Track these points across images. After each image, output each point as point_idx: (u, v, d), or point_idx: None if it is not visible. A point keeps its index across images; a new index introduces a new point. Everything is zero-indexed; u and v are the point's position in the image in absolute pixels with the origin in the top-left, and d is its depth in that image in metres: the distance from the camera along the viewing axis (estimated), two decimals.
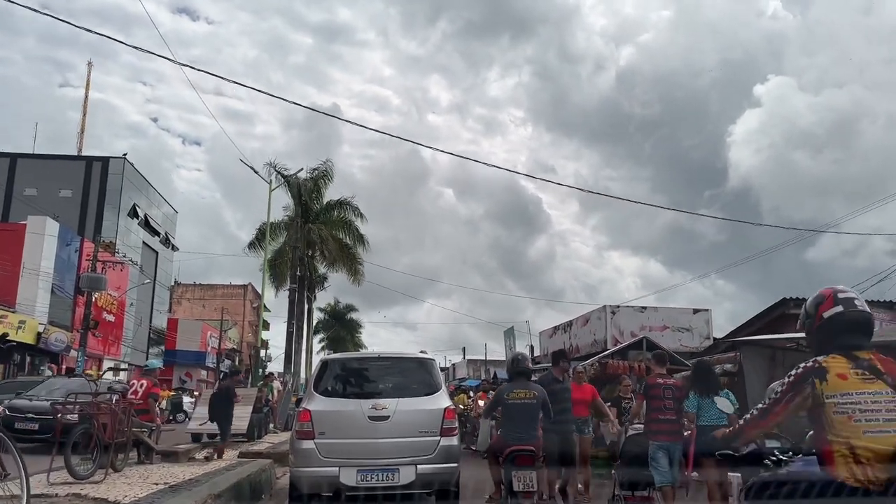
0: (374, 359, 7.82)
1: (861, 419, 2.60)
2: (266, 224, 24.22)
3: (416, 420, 6.81)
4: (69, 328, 36.79)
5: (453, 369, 56.32)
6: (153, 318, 53.86)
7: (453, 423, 6.97)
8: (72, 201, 46.06)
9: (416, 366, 7.58)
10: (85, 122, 56.28)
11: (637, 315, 21.08)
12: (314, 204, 30.80)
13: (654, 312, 21.00)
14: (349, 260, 31.08)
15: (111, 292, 41.43)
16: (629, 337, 20.74)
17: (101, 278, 35.74)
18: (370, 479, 6.53)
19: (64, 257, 38.00)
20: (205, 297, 79.16)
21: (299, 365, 29.84)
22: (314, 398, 7.01)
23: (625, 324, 20.90)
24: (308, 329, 45.47)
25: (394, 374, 7.43)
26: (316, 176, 30.55)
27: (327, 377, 7.30)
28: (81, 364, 35.06)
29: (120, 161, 47.77)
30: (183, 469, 8.80)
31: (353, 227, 30.88)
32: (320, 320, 63.96)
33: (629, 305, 21.41)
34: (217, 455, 10.31)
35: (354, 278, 31.97)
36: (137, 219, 49.84)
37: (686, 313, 21.21)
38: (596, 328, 21.94)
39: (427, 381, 7.24)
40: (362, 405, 6.79)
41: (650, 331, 20.80)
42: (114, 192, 46.98)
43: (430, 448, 6.71)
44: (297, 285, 30.24)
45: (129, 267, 42.90)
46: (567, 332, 24.67)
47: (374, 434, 6.66)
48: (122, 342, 45.37)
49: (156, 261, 54.35)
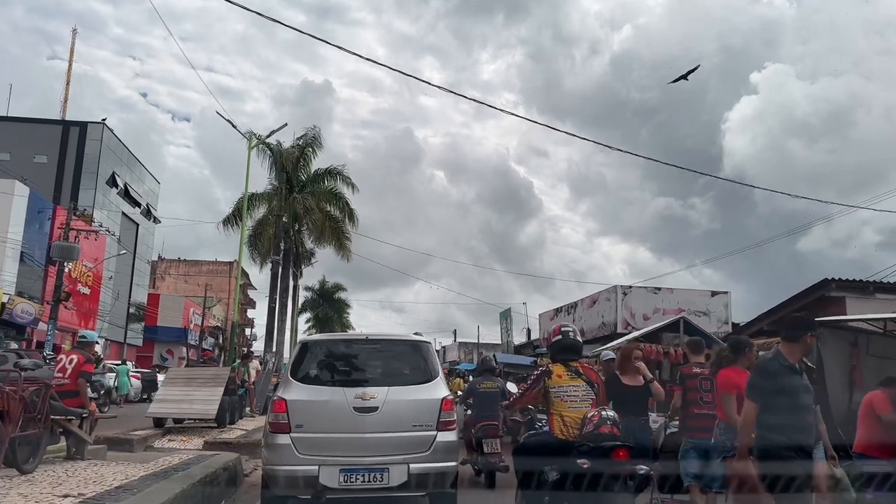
0: (362, 341, 6.81)
1: (567, 400, 4.77)
2: (245, 191, 22.23)
3: (408, 412, 5.95)
4: (39, 300, 34.75)
5: (444, 352, 54.72)
6: (133, 292, 51.77)
7: (451, 416, 6.10)
8: (47, 168, 43.82)
9: (409, 350, 6.62)
10: (68, 90, 53.85)
11: (651, 296, 19.38)
12: (300, 173, 28.79)
13: (669, 294, 19.31)
14: (337, 234, 29.15)
15: (86, 263, 39.35)
16: (641, 320, 19.08)
17: (74, 248, 33.66)
18: (355, 480, 5.66)
19: (35, 225, 35.86)
20: (189, 273, 77.39)
21: (283, 344, 27.94)
22: (291, 385, 6.08)
23: (637, 305, 19.23)
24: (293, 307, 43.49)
25: (384, 359, 6.54)
26: (303, 143, 28.50)
27: (307, 361, 6.34)
28: (51, 338, 33.11)
29: (98, 126, 45.43)
30: (122, 468, 6.98)
31: (343, 200, 28.90)
32: (307, 299, 62.24)
33: (642, 286, 19.70)
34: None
35: (343, 253, 30.06)
36: (117, 188, 47.61)
37: (704, 296, 19.54)
38: (605, 310, 20.23)
39: (422, 368, 6.34)
40: (347, 394, 5.89)
41: (664, 314, 19.15)
42: (92, 159, 44.72)
43: (426, 444, 5.85)
44: (282, 259, 28.33)
45: (107, 238, 40.82)
46: (571, 314, 22.97)
47: (359, 428, 5.78)
48: (97, 316, 43.27)
49: (136, 233, 52.18)
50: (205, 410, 12.85)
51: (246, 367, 17.77)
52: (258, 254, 28.79)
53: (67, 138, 44.79)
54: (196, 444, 11.42)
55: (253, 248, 28.83)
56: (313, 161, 29.05)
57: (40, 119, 45.63)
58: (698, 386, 6.09)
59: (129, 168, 50.73)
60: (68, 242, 33.56)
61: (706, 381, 6.06)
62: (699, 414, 5.96)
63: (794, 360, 4.54)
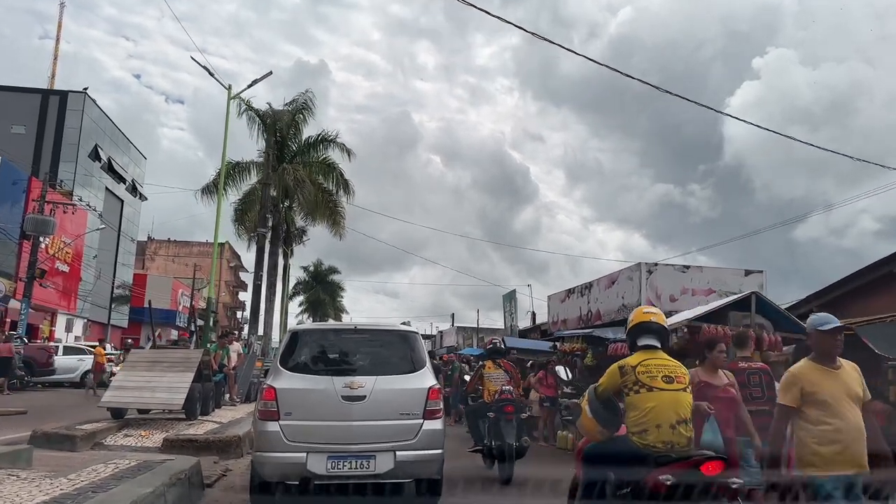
0: (350, 331, 6.98)
1: (494, 382, 9.05)
2: (224, 148, 20.02)
3: (396, 400, 6.08)
4: (12, 276, 32.68)
5: (440, 337, 52.80)
6: (118, 272, 49.63)
7: (438, 405, 6.24)
8: (25, 139, 41.48)
9: (397, 339, 6.77)
10: (56, 66, 51.34)
11: (678, 275, 17.40)
12: (290, 143, 26.70)
13: (699, 273, 17.35)
14: (330, 209, 27.10)
15: (65, 239, 37.22)
16: (668, 301, 17.12)
17: (49, 221, 31.64)
18: (342, 467, 5.82)
19: (9, 198, 33.69)
20: (179, 255, 75.66)
21: (270, 326, 25.98)
22: (280, 374, 6.19)
23: (663, 285, 17.21)
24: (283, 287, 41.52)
25: (372, 349, 6.62)
26: (294, 109, 26.37)
27: (296, 350, 6.44)
28: (25, 317, 31.10)
29: (80, 96, 43.00)
30: (26, 486, 5.03)
31: (338, 171, 26.82)
32: (300, 280, 60.35)
33: (669, 264, 17.75)
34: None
35: (336, 230, 28.03)
36: (100, 162, 45.28)
37: (737, 275, 17.58)
38: (626, 290, 18.24)
39: (409, 357, 6.47)
40: (335, 383, 6.01)
41: (693, 294, 17.22)
42: (73, 130, 42.35)
43: (412, 432, 6.01)
44: (270, 235, 26.31)
45: (88, 214, 38.68)
46: (585, 296, 20.98)
47: (347, 416, 5.90)
48: (77, 296, 41.19)
49: (121, 209, 49.93)
50: (170, 400, 10.91)
51: (225, 350, 15.82)
52: (244, 230, 26.76)
53: (47, 109, 42.40)
54: (156, 441, 9.48)
55: (239, 224, 26.81)
56: (304, 129, 27.02)
57: (18, 87, 43.04)
58: (747, 381, 5.83)
59: (114, 142, 48.35)
60: (43, 215, 31.54)
61: (755, 375, 5.91)
62: (751, 411, 5.52)
63: None
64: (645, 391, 4.03)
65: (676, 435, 3.97)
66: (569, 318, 22.65)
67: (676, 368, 4.19)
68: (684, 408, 4.06)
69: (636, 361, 4.16)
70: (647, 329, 4.34)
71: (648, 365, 4.12)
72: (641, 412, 4.00)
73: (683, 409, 4.05)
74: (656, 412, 3.97)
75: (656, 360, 4.17)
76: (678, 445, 3.94)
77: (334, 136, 27.01)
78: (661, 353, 4.27)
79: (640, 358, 4.19)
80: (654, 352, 4.24)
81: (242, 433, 9.78)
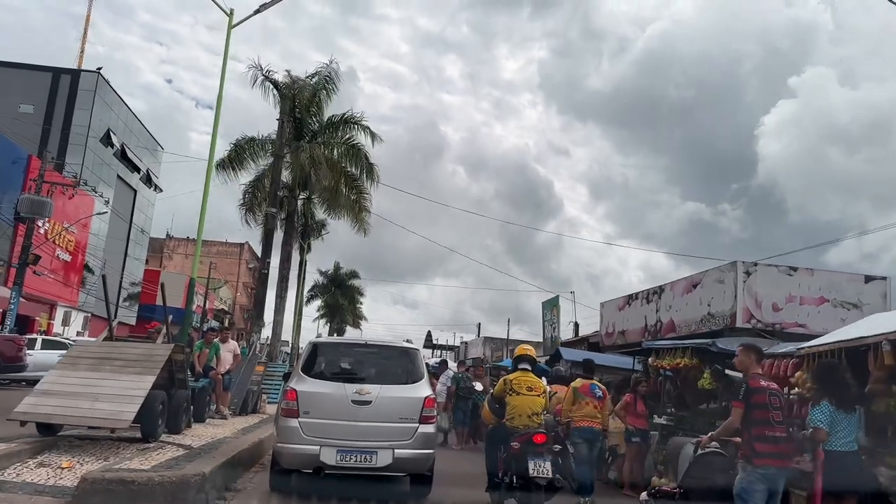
0: (361, 345, 8.30)
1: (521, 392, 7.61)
2: (222, 77, 16.79)
3: (397, 406, 7.03)
4: (4, 262, 29.97)
5: (465, 348, 49.42)
6: (127, 265, 47.00)
7: (432, 412, 7.24)
8: (32, 118, 38.98)
9: (400, 354, 7.86)
10: (85, 41, 48.89)
11: (784, 279, 14.05)
12: (311, 120, 23.62)
13: (809, 277, 14.01)
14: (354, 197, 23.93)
15: (65, 224, 34.54)
16: (770, 310, 13.73)
17: (46, 202, 28.83)
18: (349, 460, 6.80)
19: (7, 178, 31.10)
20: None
21: (280, 325, 22.82)
22: (302, 378, 7.22)
23: (765, 290, 13.89)
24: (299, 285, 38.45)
25: (379, 362, 7.74)
26: (316, 83, 23.32)
27: (316, 360, 7.58)
28: (15, 306, 28.30)
29: (93, 75, 40.49)
30: None
31: (362, 154, 23.63)
32: (317, 283, 57.42)
33: (771, 264, 14.32)
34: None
35: (359, 225, 24.85)
36: (112, 148, 42.74)
37: (855, 281, 14.24)
38: (713, 295, 14.83)
39: (410, 370, 7.51)
40: (347, 389, 7.03)
41: (801, 304, 13.81)
42: (84, 111, 39.81)
43: (409, 434, 6.95)
44: (285, 222, 23.25)
45: (96, 200, 35.97)
46: (653, 303, 17.59)
47: (355, 417, 6.90)
48: (79, 288, 38.48)
49: (133, 200, 47.37)
50: (115, 413, 7.68)
51: (213, 347, 12.65)
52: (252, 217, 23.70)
53: (57, 87, 39.93)
54: (71, 480, 6.22)
55: (247, 211, 23.76)
56: (326, 107, 23.91)
57: (27, 64, 40.51)
58: (768, 402, 5.20)
59: (129, 128, 45.84)
60: (39, 196, 28.81)
61: (775, 396, 5.30)
62: (770, 437, 5.09)
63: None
64: (515, 395, 7.28)
65: (531, 421, 7.12)
66: (628, 329, 19.22)
67: (536, 383, 7.47)
68: (537, 406, 7.25)
69: (513, 377, 7.47)
70: (523, 359, 7.71)
71: (520, 380, 7.39)
72: (512, 407, 7.26)
73: (536, 406, 7.24)
74: (520, 408, 7.20)
75: (525, 378, 7.42)
76: (531, 427, 7.05)
77: (360, 117, 23.94)
78: (529, 373, 7.53)
79: (516, 375, 7.49)
80: (525, 372, 7.51)
81: (211, 467, 6.58)
